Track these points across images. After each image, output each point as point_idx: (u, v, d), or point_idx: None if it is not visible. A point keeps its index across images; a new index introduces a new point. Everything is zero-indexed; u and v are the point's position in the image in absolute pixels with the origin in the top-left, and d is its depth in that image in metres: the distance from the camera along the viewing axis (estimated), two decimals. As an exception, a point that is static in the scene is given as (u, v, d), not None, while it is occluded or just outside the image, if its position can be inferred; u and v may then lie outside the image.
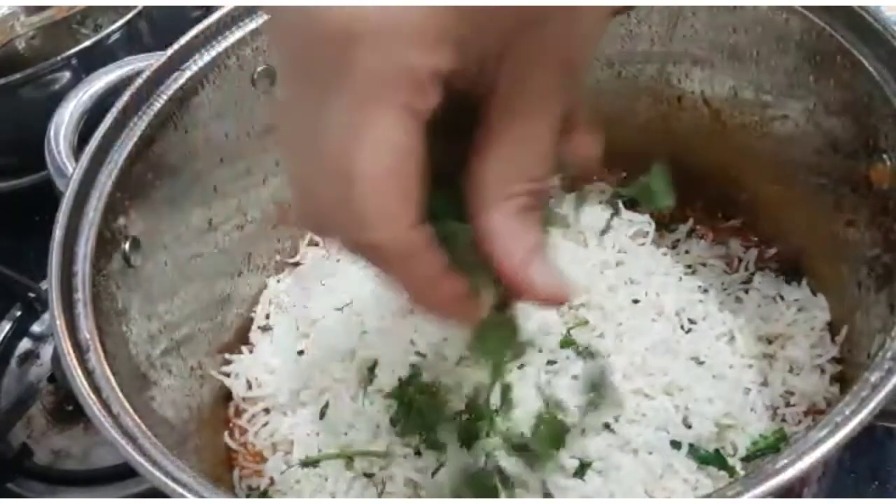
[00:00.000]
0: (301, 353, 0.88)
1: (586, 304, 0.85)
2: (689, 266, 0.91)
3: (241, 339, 0.93)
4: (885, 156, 0.73)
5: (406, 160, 0.46)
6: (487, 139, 0.50)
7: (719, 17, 0.85)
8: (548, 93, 0.49)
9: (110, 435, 0.63)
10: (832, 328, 0.84)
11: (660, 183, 0.65)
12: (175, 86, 0.81)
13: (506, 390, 0.77)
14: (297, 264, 0.99)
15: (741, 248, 0.93)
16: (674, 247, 0.93)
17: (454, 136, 0.50)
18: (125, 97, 0.80)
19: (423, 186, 0.47)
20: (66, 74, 1.13)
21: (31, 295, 1.08)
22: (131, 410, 0.66)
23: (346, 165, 0.45)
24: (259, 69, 0.87)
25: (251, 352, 0.91)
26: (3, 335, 1.07)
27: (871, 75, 0.73)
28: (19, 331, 1.08)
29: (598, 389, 0.77)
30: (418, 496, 0.77)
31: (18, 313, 1.09)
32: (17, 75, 1.11)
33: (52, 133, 0.85)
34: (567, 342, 0.82)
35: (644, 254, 0.90)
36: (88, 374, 0.67)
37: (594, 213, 0.93)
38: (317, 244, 1.00)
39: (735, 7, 0.83)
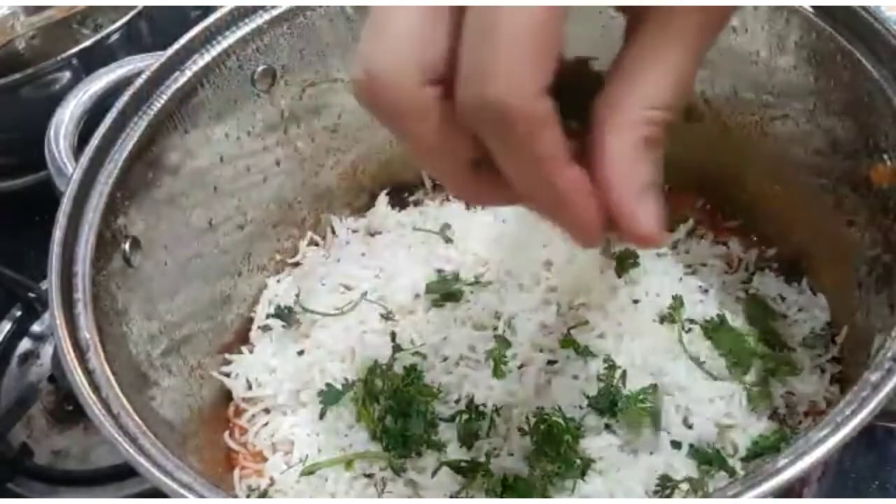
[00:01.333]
0: (301, 353, 0.88)
1: (586, 304, 0.85)
2: (690, 266, 0.91)
3: (242, 339, 0.93)
4: (885, 156, 0.73)
5: (555, 18, 0.45)
6: (626, 59, 0.50)
7: (719, 17, 0.85)
8: (694, 25, 0.49)
9: (110, 435, 0.63)
10: (832, 328, 0.84)
11: None
12: (175, 86, 0.81)
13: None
14: (297, 264, 0.99)
15: (741, 248, 0.93)
16: (674, 247, 0.93)
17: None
18: (125, 97, 0.80)
19: (559, 57, 0.46)
20: (66, 74, 1.13)
21: (31, 295, 1.08)
22: (131, 410, 0.66)
23: (490, 17, 0.44)
24: (259, 69, 0.87)
25: (251, 352, 0.91)
26: (3, 335, 1.07)
27: (871, 75, 0.73)
28: (19, 331, 1.08)
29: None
30: (418, 496, 0.77)
31: (18, 313, 1.09)
32: (17, 75, 1.11)
33: (52, 133, 0.85)
34: (567, 342, 0.82)
35: (644, 254, 0.90)
36: (88, 373, 0.67)
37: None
38: (317, 244, 1.00)
39: (735, 7, 0.83)
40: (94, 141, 0.77)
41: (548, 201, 0.49)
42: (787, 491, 0.55)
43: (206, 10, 0.86)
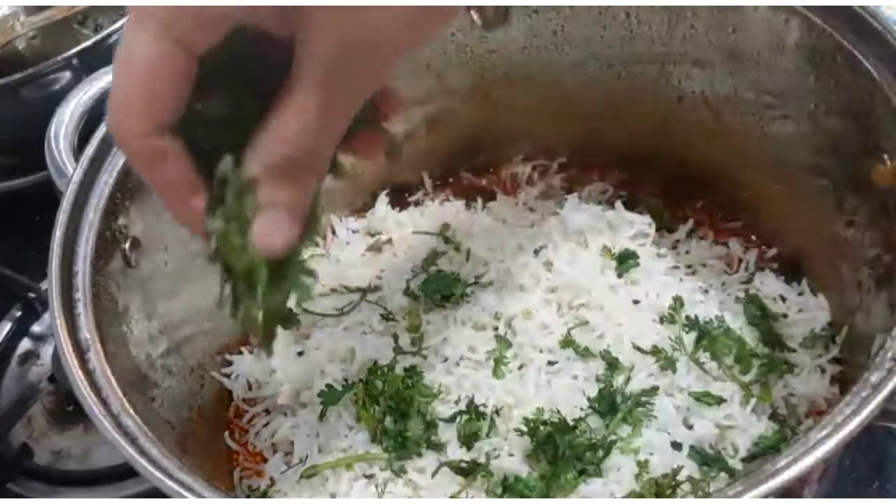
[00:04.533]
0: (301, 353, 0.88)
1: (586, 304, 0.85)
2: (690, 266, 0.91)
3: (241, 339, 0.93)
4: (885, 156, 0.73)
5: (151, 76, 0.52)
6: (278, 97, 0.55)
7: (719, 17, 0.85)
8: (311, 73, 0.53)
9: (110, 435, 0.63)
10: (832, 328, 0.84)
11: None
12: (175, 86, 0.81)
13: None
14: (297, 264, 0.99)
15: (741, 249, 0.93)
16: (674, 247, 0.93)
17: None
18: (125, 97, 0.79)
19: (170, 105, 0.54)
20: (67, 74, 1.13)
21: (31, 295, 1.08)
22: (131, 410, 0.66)
23: (113, 71, 0.54)
24: (259, 69, 0.87)
25: (251, 352, 0.91)
26: (3, 335, 1.07)
27: (871, 75, 0.73)
28: (20, 331, 1.08)
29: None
30: (418, 496, 0.77)
31: (19, 313, 1.09)
32: (18, 75, 1.11)
33: (52, 133, 0.85)
34: (567, 342, 0.82)
35: (644, 254, 0.90)
36: (88, 374, 0.67)
37: (594, 213, 0.93)
38: (317, 244, 1.00)
39: (735, 7, 0.83)
40: (94, 141, 0.77)
41: (173, 215, 0.60)
42: (788, 491, 0.55)
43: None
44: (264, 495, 0.81)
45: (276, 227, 0.57)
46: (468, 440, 0.78)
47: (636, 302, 0.86)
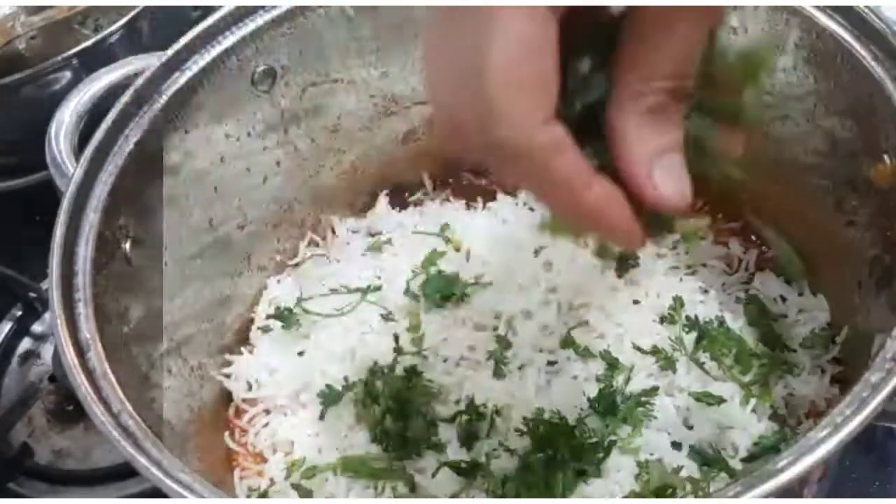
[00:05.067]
0: (301, 353, 0.88)
1: (586, 304, 0.85)
2: (690, 266, 0.91)
3: (242, 339, 0.93)
4: (885, 156, 0.73)
5: (536, 53, 0.46)
6: (630, 39, 0.49)
7: (719, 18, 0.85)
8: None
9: (111, 435, 0.63)
10: (832, 329, 0.84)
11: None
12: (175, 86, 0.81)
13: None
14: (297, 265, 0.99)
15: (741, 249, 0.93)
16: (674, 247, 0.93)
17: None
18: (125, 97, 0.80)
19: (557, 85, 0.47)
20: (67, 74, 1.13)
21: (32, 295, 1.08)
22: (131, 410, 0.66)
23: (477, 61, 0.45)
24: (259, 69, 0.87)
25: (251, 352, 0.91)
26: (3, 335, 1.07)
27: (872, 75, 0.73)
28: (20, 330, 1.08)
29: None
30: (418, 496, 0.77)
31: (19, 313, 1.09)
32: (18, 75, 1.11)
33: (52, 133, 0.85)
34: (567, 342, 0.82)
35: (644, 254, 0.90)
36: (89, 373, 0.67)
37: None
38: (317, 244, 1.00)
39: (735, 7, 0.83)
40: (94, 141, 0.77)
41: (581, 216, 0.50)
42: (788, 491, 0.55)
43: (206, 10, 0.86)
44: (264, 495, 0.81)
45: (674, 172, 0.53)
46: (468, 440, 0.78)
47: (636, 302, 0.86)
